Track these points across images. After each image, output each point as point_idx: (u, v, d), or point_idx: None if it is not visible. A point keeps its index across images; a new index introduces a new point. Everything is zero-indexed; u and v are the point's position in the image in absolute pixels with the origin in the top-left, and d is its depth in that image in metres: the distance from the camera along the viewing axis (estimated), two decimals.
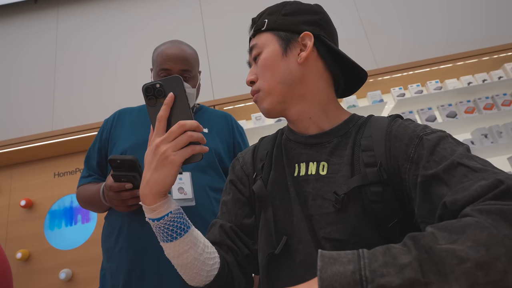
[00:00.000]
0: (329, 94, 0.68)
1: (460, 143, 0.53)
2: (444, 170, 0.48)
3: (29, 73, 2.51)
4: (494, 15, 2.35)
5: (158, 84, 0.55)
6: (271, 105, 0.65)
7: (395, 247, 0.39)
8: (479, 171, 0.45)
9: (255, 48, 0.68)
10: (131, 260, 0.94)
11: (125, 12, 2.65)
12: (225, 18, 2.54)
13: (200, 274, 0.58)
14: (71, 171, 2.38)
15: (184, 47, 1.10)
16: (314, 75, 0.65)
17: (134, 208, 0.92)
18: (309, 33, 0.64)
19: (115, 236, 0.99)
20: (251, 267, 0.68)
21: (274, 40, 0.66)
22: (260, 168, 0.70)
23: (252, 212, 0.70)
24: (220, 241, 0.65)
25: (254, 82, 0.68)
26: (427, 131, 0.55)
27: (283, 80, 0.64)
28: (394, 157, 0.56)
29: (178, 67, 1.06)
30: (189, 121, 0.53)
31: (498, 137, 1.97)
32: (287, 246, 0.59)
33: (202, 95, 2.29)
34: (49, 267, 2.15)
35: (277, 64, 0.64)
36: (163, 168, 0.53)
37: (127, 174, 0.84)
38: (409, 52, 2.29)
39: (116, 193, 0.87)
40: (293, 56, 0.65)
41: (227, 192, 0.74)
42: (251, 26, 0.71)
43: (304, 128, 0.67)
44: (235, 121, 1.23)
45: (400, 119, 0.62)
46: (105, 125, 1.17)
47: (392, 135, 0.58)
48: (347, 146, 0.61)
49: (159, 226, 0.55)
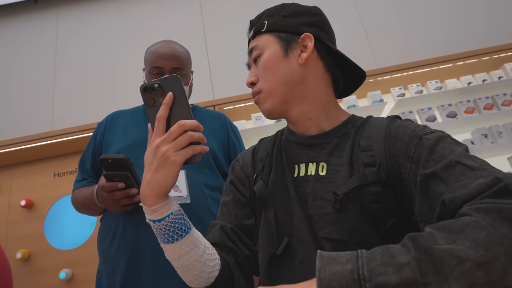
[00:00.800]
0: (329, 94, 0.68)
1: (459, 143, 0.53)
2: (443, 168, 0.48)
3: (29, 73, 2.51)
4: (494, 15, 2.35)
5: (156, 84, 0.55)
6: (273, 105, 0.66)
7: (394, 247, 0.39)
8: (477, 169, 0.45)
9: (255, 50, 0.68)
10: (127, 260, 0.93)
11: (125, 12, 2.65)
12: (225, 18, 2.54)
13: (201, 275, 0.58)
14: (71, 171, 2.38)
15: (175, 46, 1.11)
16: (314, 76, 0.66)
17: (129, 208, 0.92)
18: (309, 34, 0.65)
19: (110, 238, 0.98)
20: (252, 268, 0.68)
21: (275, 42, 0.66)
22: (260, 169, 0.70)
23: (252, 213, 0.70)
24: (220, 242, 0.65)
25: (254, 83, 0.68)
26: (427, 131, 0.55)
27: (285, 81, 0.64)
28: (394, 157, 0.56)
29: (170, 65, 1.06)
30: (189, 121, 0.53)
31: (498, 137, 1.97)
32: (288, 246, 0.59)
33: (202, 95, 2.29)
34: (49, 267, 2.15)
35: (279, 65, 0.65)
36: (164, 168, 0.52)
37: (119, 173, 0.83)
38: (409, 52, 2.29)
39: (109, 193, 0.87)
40: (294, 57, 0.65)
41: (227, 193, 0.74)
42: (250, 28, 0.72)
43: (305, 129, 0.67)
44: (229, 121, 1.23)
45: (399, 120, 0.63)
46: (98, 128, 1.16)
47: (391, 135, 0.58)
48: (346, 146, 0.61)
49: (159, 228, 0.54)
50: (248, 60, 0.72)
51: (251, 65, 0.71)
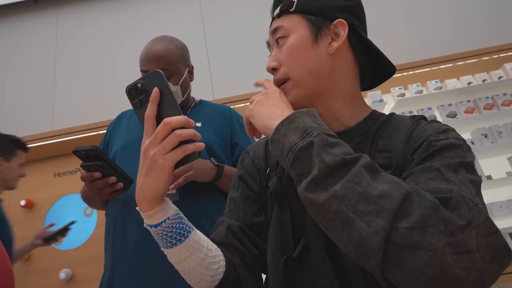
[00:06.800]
0: (355, 88, 0.63)
1: (469, 156, 0.48)
2: (420, 170, 0.47)
3: (29, 73, 2.51)
4: (494, 15, 2.35)
5: (139, 83, 0.52)
6: (297, 98, 0.60)
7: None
8: (449, 181, 0.43)
9: (281, 30, 0.61)
10: (112, 259, 0.97)
11: (125, 12, 2.65)
12: (225, 18, 2.54)
13: (204, 279, 0.56)
14: (71, 171, 2.38)
15: (161, 45, 1.07)
16: (343, 68, 0.60)
17: (117, 194, 0.93)
18: (343, 21, 0.59)
19: (106, 234, 1.03)
20: (260, 267, 0.65)
21: (304, 25, 0.59)
22: (274, 163, 0.65)
23: (262, 209, 0.66)
24: (226, 242, 0.62)
25: (275, 69, 0.62)
26: (440, 137, 0.51)
27: (312, 70, 0.58)
28: (407, 160, 0.53)
29: (154, 67, 1.04)
30: (175, 118, 0.48)
31: (498, 137, 1.97)
32: (302, 249, 0.55)
33: (202, 95, 2.28)
34: (49, 267, 2.15)
35: (307, 53, 0.58)
36: (153, 173, 0.49)
37: (93, 164, 0.85)
38: (409, 52, 2.29)
39: (90, 183, 0.89)
40: (324, 45, 0.59)
41: (236, 188, 0.69)
42: (275, 4, 0.65)
43: (326, 125, 0.62)
44: (235, 116, 1.17)
45: (424, 121, 0.58)
46: (108, 128, 1.21)
47: (412, 138, 0.54)
48: (367, 145, 0.58)
49: (157, 233, 0.52)
50: (270, 40, 0.65)
51: (272, 46, 0.65)
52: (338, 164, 0.42)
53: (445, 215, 0.37)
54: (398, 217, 0.38)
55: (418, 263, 0.36)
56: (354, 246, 0.39)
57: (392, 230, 0.37)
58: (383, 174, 0.43)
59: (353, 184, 0.40)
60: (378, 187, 0.40)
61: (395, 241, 0.37)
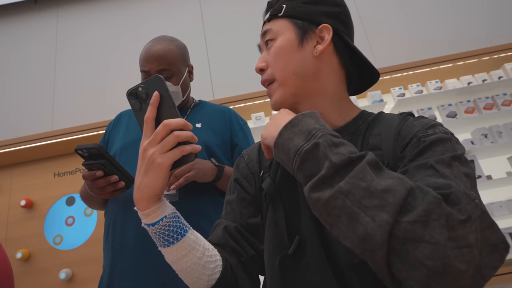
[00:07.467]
0: (341, 90, 0.65)
1: (459, 148, 0.50)
2: (415, 167, 0.48)
3: (29, 73, 2.51)
4: (494, 15, 2.35)
5: (140, 87, 0.54)
6: (283, 97, 0.62)
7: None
8: (445, 177, 0.44)
9: (269, 33, 0.64)
10: (111, 258, 0.97)
11: (125, 12, 2.65)
12: (225, 18, 2.54)
13: (201, 278, 0.56)
14: (71, 171, 2.38)
15: (161, 46, 1.06)
16: (328, 70, 0.63)
17: (118, 193, 0.93)
18: (328, 26, 0.62)
19: (106, 234, 1.03)
20: (257, 267, 0.66)
21: (291, 29, 0.63)
22: (267, 165, 0.68)
23: (258, 211, 0.68)
24: (223, 242, 0.64)
25: (263, 70, 0.65)
26: (428, 132, 0.53)
27: (297, 71, 0.61)
28: (398, 157, 0.55)
29: (154, 68, 1.04)
30: (174, 120, 0.51)
31: (498, 137, 1.97)
32: (298, 246, 0.57)
33: (202, 95, 2.29)
34: (49, 267, 2.15)
35: (292, 54, 0.62)
36: (151, 172, 0.51)
37: (96, 162, 0.85)
38: (409, 52, 2.29)
39: (92, 182, 0.88)
40: (309, 48, 0.62)
41: (232, 191, 0.71)
42: (267, 9, 0.68)
43: None
44: (235, 117, 1.18)
45: (412, 117, 0.60)
46: (108, 127, 1.20)
47: (400, 135, 0.56)
48: (357, 144, 0.59)
49: (154, 232, 0.53)
50: (260, 43, 0.68)
51: (262, 48, 0.68)
52: (345, 162, 0.43)
53: (446, 210, 0.38)
54: (402, 212, 0.38)
55: (421, 256, 0.37)
56: (359, 241, 0.40)
57: (396, 224, 0.38)
58: (387, 171, 0.44)
59: (357, 179, 0.41)
60: (382, 182, 0.41)
61: (397, 234, 0.38)
